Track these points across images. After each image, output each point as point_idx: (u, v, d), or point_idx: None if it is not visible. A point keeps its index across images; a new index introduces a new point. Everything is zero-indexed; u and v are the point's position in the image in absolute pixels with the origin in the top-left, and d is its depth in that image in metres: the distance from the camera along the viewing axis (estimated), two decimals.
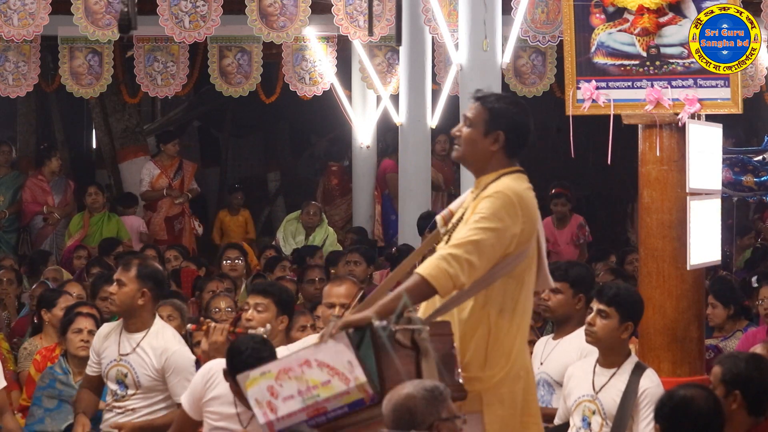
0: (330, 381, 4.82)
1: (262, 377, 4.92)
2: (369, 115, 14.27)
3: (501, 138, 5.24)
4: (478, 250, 5.00)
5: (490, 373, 5.13)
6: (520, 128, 5.29)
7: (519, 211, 5.10)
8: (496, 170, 5.24)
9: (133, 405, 6.70)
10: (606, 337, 6.11)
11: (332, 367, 4.82)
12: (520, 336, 5.20)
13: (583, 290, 6.65)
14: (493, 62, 9.43)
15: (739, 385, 5.35)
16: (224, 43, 12.91)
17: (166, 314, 7.69)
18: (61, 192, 13.87)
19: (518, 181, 5.22)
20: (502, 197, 5.10)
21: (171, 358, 6.64)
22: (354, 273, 10.13)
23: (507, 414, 5.15)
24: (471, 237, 5.02)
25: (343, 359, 4.81)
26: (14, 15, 11.27)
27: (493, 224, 5.04)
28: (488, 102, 5.27)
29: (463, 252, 4.99)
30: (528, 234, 5.13)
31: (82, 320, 7.54)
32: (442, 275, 4.96)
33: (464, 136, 5.27)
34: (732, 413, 5.33)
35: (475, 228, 5.04)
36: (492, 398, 5.12)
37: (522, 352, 5.22)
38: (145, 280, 6.70)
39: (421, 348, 4.90)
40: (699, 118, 6.87)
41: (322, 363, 4.83)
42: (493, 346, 5.14)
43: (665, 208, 6.84)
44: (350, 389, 4.80)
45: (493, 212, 5.06)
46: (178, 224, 14.06)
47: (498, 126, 5.23)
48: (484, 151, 5.25)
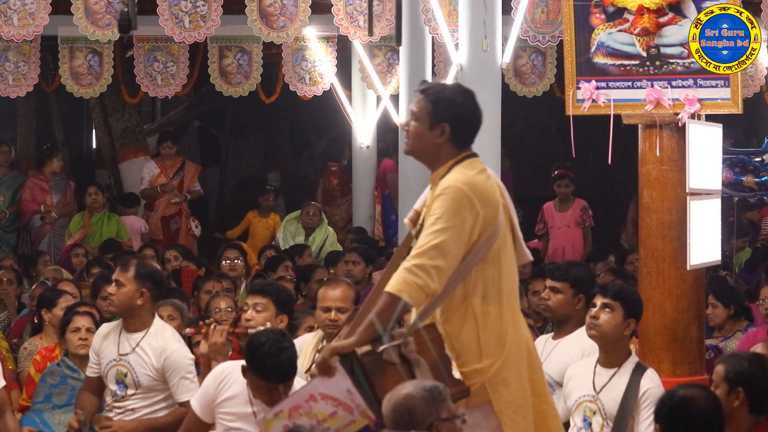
0: (336, 412, 4.90)
1: (276, 418, 5.01)
2: (369, 115, 14.27)
3: (447, 130, 5.19)
4: (441, 253, 5.00)
5: (488, 362, 5.12)
6: (465, 117, 5.23)
7: (474, 199, 5.07)
8: (446, 162, 5.20)
9: (132, 405, 6.70)
10: (610, 331, 6.12)
11: (335, 398, 4.90)
12: (511, 317, 5.19)
13: (584, 291, 6.64)
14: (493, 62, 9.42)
15: (742, 382, 5.37)
16: (224, 43, 12.90)
17: (167, 314, 7.69)
18: (61, 192, 13.87)
19: (468, 169, 5.16)
20: (452, 192, 5.07)
21: (170, 358, 6.64)
22: (352, 273, 10.13)
23: (516, 397, 5.14)
24: (431, 242, 5.01)
25: (343, 388, 4.89)
26: (14, 15, 11.26)
27: (449, 223, 5.03)
28: (431, 94, 5.22)
29: (427, 259, 4.99)
30: (490, 217, 5.11)
31: (79, 319, 7.54)
32: (412, 288, 4.97)
33: (411, 131, 5.26)
34: (734, 411, 5.34)
35: (433, 231, 5.03)
36: (497, 385, 5.11)
37: (517, 331, 5.19)
38: (143, 280, 6.70)
39: (411, 360, 4.92)
40: (699, 118, 6.87)
41: (325, 396, 4.91)
42: (484, 335, 5.12)
43: (665, 208, 6.84)
44: (355, 417, 4.88)
45: (446, 210, 5.05)
46: (175, 224, 14.06)
47: (442, 118, 5.19)
48: (432, 144, 5.23)
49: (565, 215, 12.72)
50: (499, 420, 5.10)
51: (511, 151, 16.87)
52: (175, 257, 11.42)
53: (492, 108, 9.26)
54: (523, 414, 5.16)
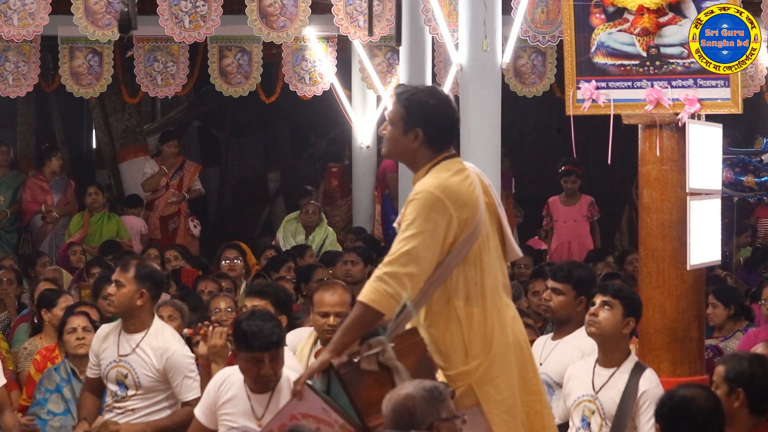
0: (319, 428, 4.93)
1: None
2: (369, 115, 14.27)
3: (420, 134, 5.17)
4: (413, 259, 4.99)
5: (474, 364, 5.10)
6: (439, 120, 5.19)
7: (446, 202, 5.04)
8: (424, 165, 5.19)
9: (133, 405, 6.70)
10: (609, 329, 6.12)
11: (314, 416, 4.95)
12: (497, 317, 5.16)
13: (585, 292, 6.63)
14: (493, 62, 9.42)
15: (743, 383, 5.36)
16: (224, 43, 12.90)
17: (167, 314, 7.69)
18: (61, 191, 13.87)
19: (443, 171, 5.14)
20: (422, 196, 5.05)
21: (171, 358, 6.64)
22: (351, 273, 10.13)
23: (505, 397, 5.13)
24: (402, 249, 5.01)
25: (317, 407, 4.94)
26: (14, 15, 11.26)
27: (420, 227, 5.02)
28: (403, 99, 5.21)
29: (398, 267, 4.99)
30: (466, 218, 5.08)
31: (74, 319, 7.55)
32: (383, 297, 4.98)
33: (387, 136, 5.25)
34: (734, 412, 5.34)
35: (405, 238, 5.02)
36: (485, 386, 5.10)
37: (504, 332, 5.16)
38: (143, 281, 6.70)
39: (390, 367, 4.93)
40: (699, 118, 6.87)
41: (305, 414, 4.97)
42: (469, 337, 5.11)
43: (665, 208, 6.84)
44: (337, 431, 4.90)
45: (417, 215, 5.03)
46: (173, 224, 14.05)
47: (415, 123, 5.17)
48: (407, 148, 5.21)
49: (571, 209, 12.71)
50: (489, 421, 5.10)
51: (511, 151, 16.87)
52: (175, 257, 11.41)
53: (492, 108, 9.27)
54: (512, 414, 5.15)
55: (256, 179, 18.33)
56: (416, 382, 4.76)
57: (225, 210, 18.40)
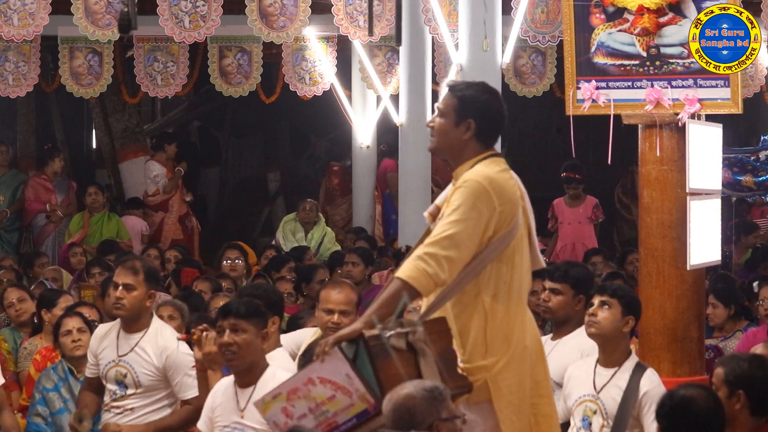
0: (335, 395, 4.89)
1: (274, 401, 5.01)
2: (369, 115, 14.27)
3: (472, 126, 5.21)
4: (454, 244, 5.01)
5: (492, 360, 5.12)
6: (491, 114, 5.26)
7: (492, 194, 5.09)
8: (471, 159, 5.22)
9: (132, 404, 6.70)
10: (609, 328, 6.12)
11: (333, 381, 4.89)
12: (519, 318, 5.20)
13: (584, 291, 6.64)
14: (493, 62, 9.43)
15: (743, 385, 5.35)
16: (224, 43, 12.90)
17: (167, 314, 7.69)
18: (64, 192, 13.87)
19: (491, 166, 5.19)
20: (471, 185, 5.09)
21: (171, 357, 6.64)
22: (352, 274, 10.13)
23: (516, 398, 5.15)
24: (445, 232, 5.03)
25: (342, 373, 4.88)
26: (14, 15, 11.27)
27: (465, 215, 5.05)
28: (457, 90, 5.26)
29: (440, 249, 5.00)
30: (509, 215, 5.12)
31: (69, 321, 7.53)
32: (422, 275, 4.98)
33: (437, 127, 5.27)
34: (735, 414, 5.33)
35: (449, 222, 5.05)
36: (499, 384, 5.12)
37: (523, 333, 5.20)
38: (151, 282, 6.73)
39: (417, 349, 4.93)
40: (699, 118, 6.87)
41: (323, 379, 4.91)
42: (491, 333, 5.13)
43: (665, 208, 6.84)
44: (354, 401, 4.87)
45: (463, 202, 5.06)
46: (189, 223, 14.08)
47: (468, 114, 5.21)
48: (457, 140, 5.24)
49: (576, 211, 12.72)
50: (498, 419, 5.11)
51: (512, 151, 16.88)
52: (176, 257, 11.41)
53: None
54: (520, 416, 5.17)
55: (256, 179, 18.33)
56: (416, 382, 4.76)
57: (225, 210, 18.40)
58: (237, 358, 5.83)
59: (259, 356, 5.87)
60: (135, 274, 6.68)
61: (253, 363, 5.85)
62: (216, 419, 5.95)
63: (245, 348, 5.81)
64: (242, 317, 5.83)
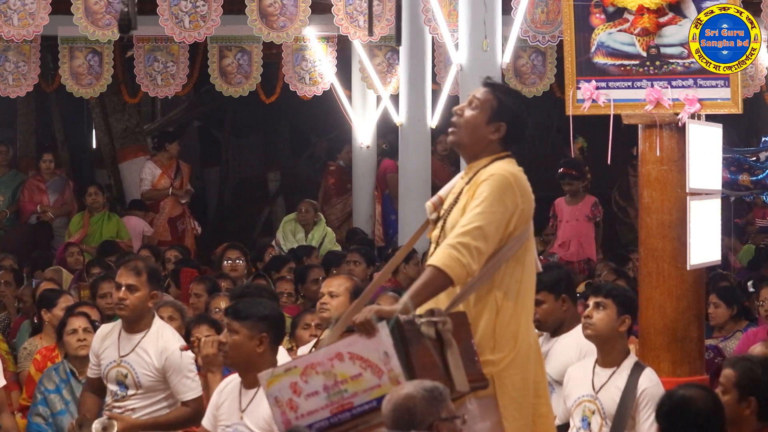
0: (361, 374, 4.81)
1: (286, 374, 4.91)
2: (369, 115, 14.26)
3: (503, 129, 5.29)
4: (484, 236, 5.05)
5: (500, 356, 5.15)
6: (521, 123, 5.36)
7: (517, 190, 5.15)
8: (489, 156, 5.27)
9: (133, 405, 6.70)
10: (604, 329, 6.13)
11: (366, 359, 4.81)
12: (525, 317, 5.23)
13: (564, 291, 6.64)
14: (493, 62, 9.43)
15: (756, 391, 5.33)
16: (224, 43, 12.90)
17: (167, 315, 7.69)
18: (58, 191, 13.85)
19: (511, 164, 5.27)
20: (499, 179, 5.14)
21: (171, 358, 6.64)
22: (354, 273, 10.13)
23: (520, 395, 5.17)
24: (475, 223, 5.05)
25: (380, 350, 4.81)
26: (14, 15, 11.27)
27: (494, 207, 5.09)
28: (499, 91, 5.33)
29: (471, 239, 5.03)
30: (527, 213, 5.19)
31: (74, 320, 7.54)
32: (456, 264, 5.01)
33: (467, 118, 5.30)
34: (743, 419, 5.32)
35: (478, 213, 5.08)
36: (504, 381, 5.14)
37: (528, 332, 5.24)
38: (154, 283, 6.72)
39: (445, 339, 4.93)
40: (699, 118, 6.87)
41: (355, 355, 4.83)
42: (500, 330, 5.16)
43: (665, 208, 6.84)
44: (382, 382, 4.79)
45: (492, 195, 5.10)
46: (181, 225, 14.04)
47: (502, 117, 5.29)
48: (483, 138, 5.29)
49: (574, 209, 12.72)
50: (501, 415, 5.12)
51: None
52: (176, 257, 11.41)
53: None
54: (522, 413, 5.18)
55: (256, 179, 18.32)
56: (416, 382, 4.75)
57: (225, 210, 18.39)
58: (228, 357, 5.87)
59: (255, 358, 5.81)
60: (138, 274, 6.67)
61: (249, 364, 5.82)
62: (220, 417, 5.95)
63: (235, 349, 5.81)
64: (235, 318, 5.84)
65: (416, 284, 5.03)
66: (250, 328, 5.81)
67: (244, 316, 5.83)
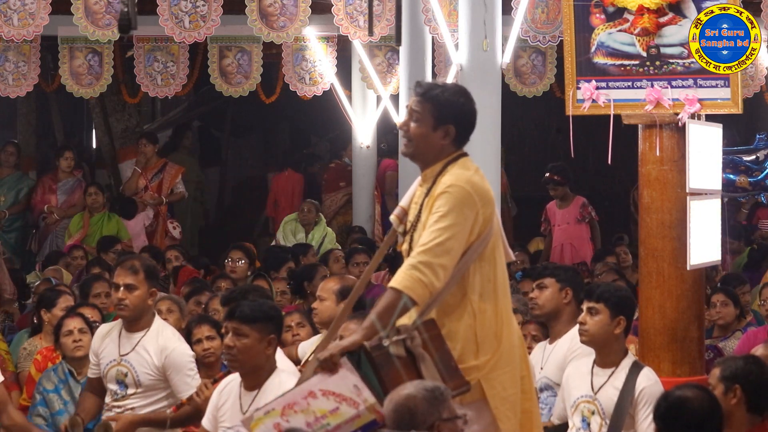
0: (338, 408, 4.84)
1: (266, 416, 4.92)
2: (369, 115, 14.26)
3: (451, 131, 5.21)
4: (446, 251, 5.03)
5: (484, 359, 5.15)
6: (467, 118, 5.26)
7: (475, 198, 5.11)
8: (441, 160, 5.22)
9: (132, 404, 6.70)
10: (599, 334, 6.14)
11: (338, 393, 4.85)
12: (505, 314, 5.22)
13: (569, 283, 6.72)
14: (493, 62, 9.42)
15: (738, 379, 5.37)
16: (224, 43, 12.90)
17: (165, 308, 7.70)
18: (68, 193, 13.82)
19: (466, 168, 5.20)
20: (456, 191, 5.10)
21: (170, 356, 6.64)
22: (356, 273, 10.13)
23: (510, 393, 5.18)
24: (436, 239, 5.04)
25: (349, 384, 4.85)
26: (14, 15, 11.27)
27: (453, 221, 5.06)
28: (432, 95, 5.21)
29: (432, 257, 5.02)
30: (488, 217, 5.15)
31: (70, 321, 7.53)
32: (417, 285, 5.00)
33: (413, 133, 5.23)
34: (732, 410, 5.34)
35: (438, 229, 5.06)
36: (492, 382, 5.14)
37: (510, 328, 5.23)
38: (152, 281, 6.70)
39: (416, 354, 4.94)
40: (699, 118, 6.87)
41: (326, 392, 4.86)
42: (481, 333, 5.15)
43: (665, 208, 6.84)
44: (360, 412, 4.83)
45: (451, 208, 5.07)
46: (150, 227, 13.95)
47: (446, 119, 5.20)
48: (435, 145, 5.23)
49: (565, 212, 12.75)
50: (495, 416, 5.12)
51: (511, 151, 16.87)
52: (176, 257, 11.42)
53: (492, 108, 9.26)
54: (514, 411, 5.20)
55: (256, 179, 18.32)
56: (417, 382, 4.76)
57: (225, 210, 18.40)
58: (236, 361, 5.83)
59: (262, 361, 5.83)
60: (135, 273, 6.66)
61: (256, 367, 5.83)
62: (221, 418, 5.95)
63: (244, 353, 5.79)
64: (244, 321, 5.80)
65: (379, 306, 5.01)
66: (259, 331, 5.80)
67: (252, 319, 5.80)
